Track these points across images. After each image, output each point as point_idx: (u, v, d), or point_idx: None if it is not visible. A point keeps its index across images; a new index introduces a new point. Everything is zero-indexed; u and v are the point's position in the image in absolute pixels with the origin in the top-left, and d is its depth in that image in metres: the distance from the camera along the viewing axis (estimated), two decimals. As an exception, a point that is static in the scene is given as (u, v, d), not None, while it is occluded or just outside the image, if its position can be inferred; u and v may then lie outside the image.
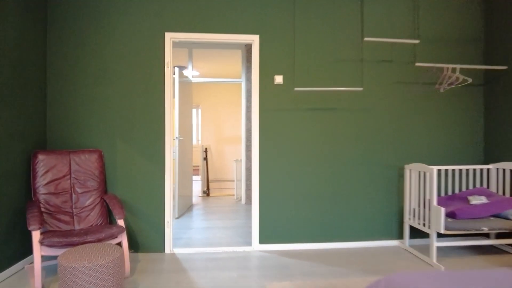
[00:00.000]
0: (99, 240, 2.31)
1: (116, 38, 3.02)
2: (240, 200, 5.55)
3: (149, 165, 3.05)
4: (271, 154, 3.17)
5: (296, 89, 2.98)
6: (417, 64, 2.99)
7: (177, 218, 4.31)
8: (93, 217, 2.73)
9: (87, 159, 2.85)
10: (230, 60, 6.25)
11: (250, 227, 3.86)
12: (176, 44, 5.13)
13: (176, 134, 4.33)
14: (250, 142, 5.17)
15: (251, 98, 5.18)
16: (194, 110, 9.08)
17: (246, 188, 5.22)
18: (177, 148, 4.33)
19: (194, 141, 9.55)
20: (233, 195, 6.97)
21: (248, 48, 5.16)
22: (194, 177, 8.43)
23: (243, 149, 5.26)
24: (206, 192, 6.13)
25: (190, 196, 5.18)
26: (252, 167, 3.19)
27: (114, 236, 2.40)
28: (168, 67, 3.05)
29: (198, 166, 10.03)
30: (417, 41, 2.92)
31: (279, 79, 3.14)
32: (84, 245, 2.13)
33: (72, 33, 2.98)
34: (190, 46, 5.15)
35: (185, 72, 6.16)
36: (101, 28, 3.01)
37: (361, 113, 3.22)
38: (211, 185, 8.21)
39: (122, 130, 3.04)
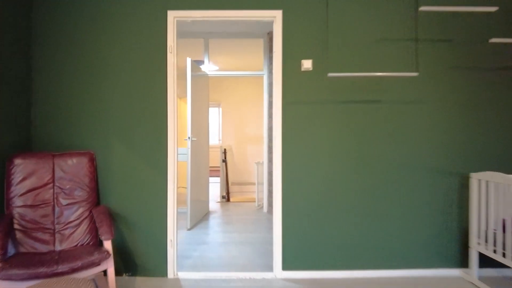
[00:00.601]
0: (73, 271, 1.80)
1: (111, 22, 2.52)
2: (262, 207, 4.96)
3: (150, 171, 2.53)
4: (297, 157, 2.55)
5: (330, 74, 2.34)
6: (492, 40, 2.26)
7: (189, 230, 3.79)
8: (79, 235, 2.24)
9: (75, 164, 2.36)
10: (251, 52, 5.67)
11: (272, 243, 3.26)
12: (189, 34, 4.63)
13: (189, 133, 3.81)
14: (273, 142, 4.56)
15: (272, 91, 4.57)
16: (215, 109, 8.60)
17: (268, 195, 4.62)
18: (189, 150, 3.80)
19: (215, 141, 9.08)
20: (255, 201, 6.40)
21: (271, 36, 4.55)
22: (215, 179, 7.95)
23: (265, 150, 4.66)
24: (226, 197, 5.60)
25: (206, 202, 4.66)
26: (273, 172, 2.59)
27: (95, 264, 1.89)
28: (171, 53, 2.51)
29: (219, 167, 9.49)
30: (494, 9, 2.18)
31: (307, 64, 2.51)
32: (51, 279, 1.63)
33: (59, 19, 2.52)
34: (205, 36, 4.63)
35: (202, 68, 5.65)
36: (92, 12, 2.52)
37: (412, 106, 2.52)
38: (232, 188, 7.69)
39: (119, 128, 2.54)
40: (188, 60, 3.85)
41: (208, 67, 4.69)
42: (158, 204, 2.53)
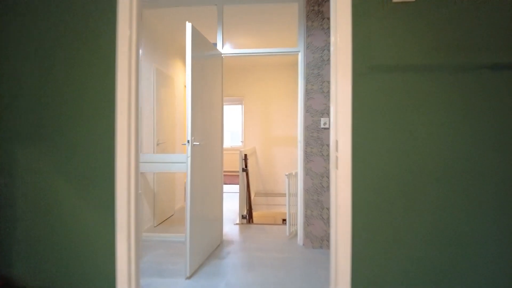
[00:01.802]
0: None
1: None
2: (295, 236, 3.63)
3: (84, 210, 1.30)
4: (383, 175, 1.22)
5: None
6: None
7: (189, 278, 2.54)
8: None
9: None
10: (280, 25, 4.35)
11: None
12: (199, 0, 3.41)
13: (188, 136, 2.57)
14: (312, 147, 3.24)
15: (312, 75, 3.25)
16: (237, 107, 7.39)
17: (305, 221, 3.29)
18: (189, 159, 2.56)
19: (237, 143, 7.90)
20: (283, 220, 5.10)
21: (308, -3, 3.23)
22: (234, 188, 6.69)
23: (299, 157, 3.34)
24: (247, 217, 4.32)
25: (219, 225, 3.41)
26: (333, 199, 1.29)
27: None
28: (127, -26, 1.27)
29: (237, 171, 7.90)
30: None
31: (409, -17, 1.18)
32: None
33: None
34: (219, 1, 3.39)
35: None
36: None
37: None
38: (256, 199, 6.42)
39: (29, 127, 1.33)
40: (188, 26, 2.60)
41: (223, 49, 3.44)
42: (101, 280, 1.29)
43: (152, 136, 3.91)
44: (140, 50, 3.47)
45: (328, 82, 3.25)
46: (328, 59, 3.25)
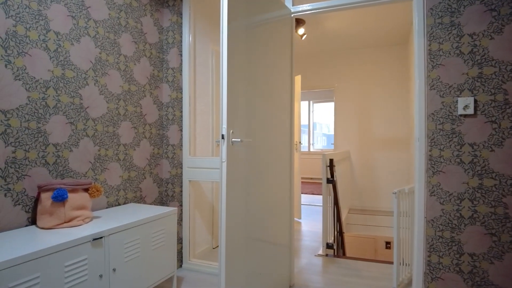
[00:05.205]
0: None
1: None
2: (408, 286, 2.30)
3: None
4: None
5: None
6: None
7: None
8: None
9: None
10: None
11: None
12: None
13: (223, 130, 1.61)
14: (442, 148, 1.91)
15: (440, 28, 1.93)
16: (329, 105, 6.18)
17: (427, 271, 1.95)
18: (224, 164, 1.61)
19: (331, 147, 6.67)
20: (386, 244, 3.75)
21: None
22: (318, 199, 5.47)
23: (418, 166, 2.03)
24: (333, 247, 3.13)
25: (286, 259, 2.36)
26: None
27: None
28: None
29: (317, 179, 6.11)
30: None
31: None
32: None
33: None
34: None
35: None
36: None
37: None
38: (350, 217, 5.09)
39: None
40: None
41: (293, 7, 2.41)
42: None
43: (210, 134, 3.13)
44: (193, 28, 2.77)
45: (471, 35, 1.88)
46: (471, -3, 1.88)
